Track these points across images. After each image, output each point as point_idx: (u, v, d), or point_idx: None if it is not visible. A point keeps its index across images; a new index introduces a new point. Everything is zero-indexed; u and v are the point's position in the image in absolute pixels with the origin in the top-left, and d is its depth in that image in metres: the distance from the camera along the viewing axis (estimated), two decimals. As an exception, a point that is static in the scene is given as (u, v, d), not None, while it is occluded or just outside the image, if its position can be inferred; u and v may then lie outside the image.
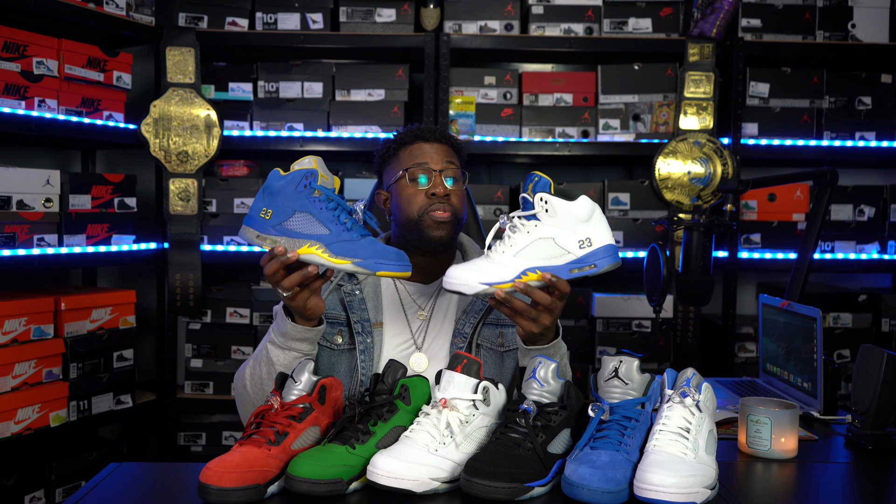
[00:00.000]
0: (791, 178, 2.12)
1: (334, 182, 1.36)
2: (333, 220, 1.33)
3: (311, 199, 1.32)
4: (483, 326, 1.65)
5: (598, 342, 2.97)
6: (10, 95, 2.45)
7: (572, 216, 1.38)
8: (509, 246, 1.38)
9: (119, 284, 3.28)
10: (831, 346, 2.98)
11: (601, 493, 1.14)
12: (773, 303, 2.02)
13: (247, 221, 1.36)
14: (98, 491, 1.22)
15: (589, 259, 1.39)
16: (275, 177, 1.33)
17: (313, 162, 1.34)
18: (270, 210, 1.32)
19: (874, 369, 1.53)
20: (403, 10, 2.97)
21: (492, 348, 1.65)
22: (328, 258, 1.31)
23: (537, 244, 1.37)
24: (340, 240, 1.32)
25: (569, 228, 1.38)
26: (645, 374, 1.31)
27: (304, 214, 1.32)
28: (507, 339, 1.67)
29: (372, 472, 1.19)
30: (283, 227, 1.32)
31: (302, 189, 1.32)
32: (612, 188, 2.99)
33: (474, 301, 1.66)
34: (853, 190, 3.02)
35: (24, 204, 2.46)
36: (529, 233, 1.37)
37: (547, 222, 1.38)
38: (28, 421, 2.44)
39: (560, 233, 1.38)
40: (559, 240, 1.38)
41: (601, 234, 1.40)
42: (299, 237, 1.32)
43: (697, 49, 2.89)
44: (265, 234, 1.33)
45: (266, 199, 1.33)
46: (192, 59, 2.85)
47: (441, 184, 1.63)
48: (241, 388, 1.57)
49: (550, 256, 1.38)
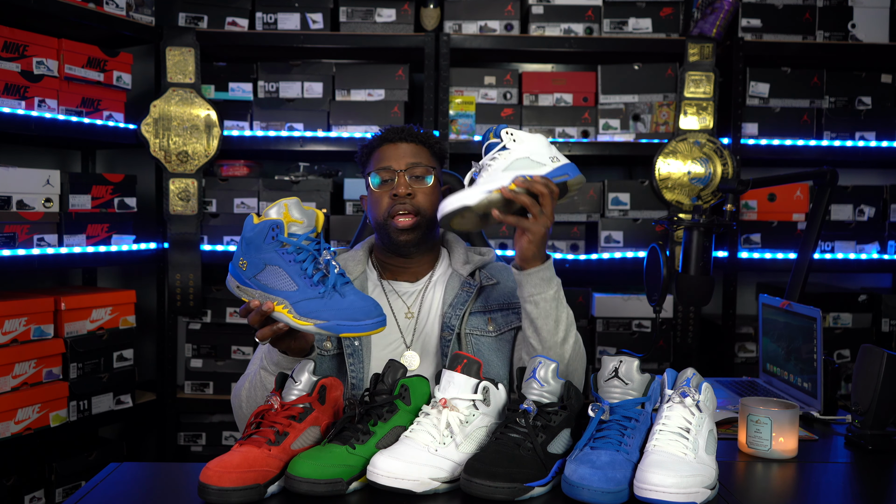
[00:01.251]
0: (791, 178, 2.12)
1: (315, 219, 1.33)
2: (300, 273, 1.29)
3: (280, 252, 1.29)
4: (470, 316, 1.65)
5: (598, 342, 2.97)
6: (10, 95, 2.45)
7: (536, 142, 1.52)
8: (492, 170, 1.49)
9: (119, 284, 3.28)
10: (831, 346, 2.98)
11: (601, 493, 1.14)
12: (773, 303, 2.02)
13: (231, 270, 1.35)
14: (98, 491, 1.22)
15: (562, 170, 1.51)
16: (248, 226, 1.31)
17: (283, 208, 1.30)
18: (246, 261, 1.31)
19: (874, 369, 1.53)
20: (403, 10, 2.97)
21: (481, 335, 1.65)
22: (293, 318, 1.29)
23: (517, 162, 1.50)
24: (306, 297, 1.28)
25: (538, 149, 1.52)
26: (645, 374, 1.31)
27: (273, 268, 1.29)
28: (497, 323, 1.67)
29: (372, 472, 1.19)
30: (257, 281, 1.31)
31: (270, 241, 1.29)
32: (612, 188, 2.99)
33: (459, 293, 1.66)
34: (853, 190, 3.02)
35: (24, 204, 2.46)
36: (506, 158, 1.50)
37: (518, 147, 1.51)
38: (28, 421, 2.44)
39: (532, 152, 1.51)
40: (533, 156, 1.50)
41: (560, 154, 1.54)
42: (270, 292, 1.30)
43: (697, 49, 2.89)
44: (243, 286, 1.32)
45: (243, 249, 1.32)
46: (192, 59, 2.85)
47: (403, 184, 1.64)
48: (238, 407, 1.57)
49: (530, 168, 1.49)
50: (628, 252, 2.96)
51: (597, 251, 2.98)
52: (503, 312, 1.68)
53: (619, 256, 2.96)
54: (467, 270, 1.72)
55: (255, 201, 2.97)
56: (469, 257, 1.76)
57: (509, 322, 1.68)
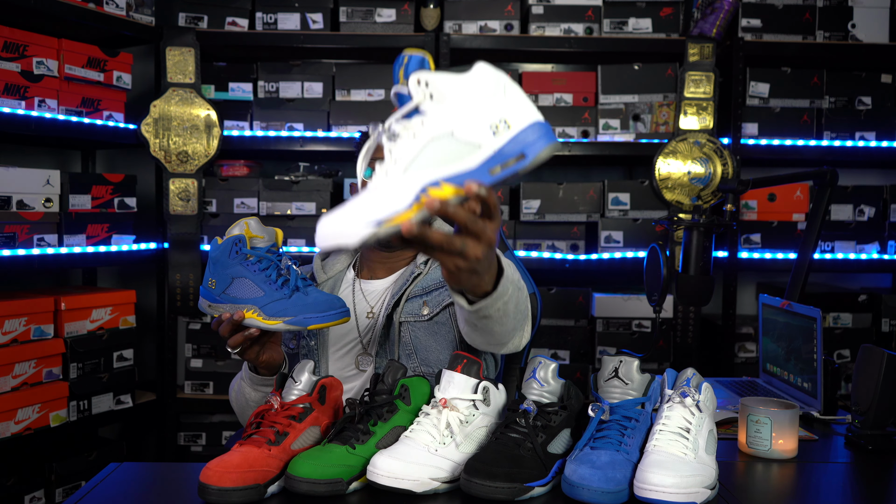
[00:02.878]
0: (791, 178, 2.12)
1: (275, 236, 1.42)
2: (265, 280, 1.38)
3: (245, 264, 1.39)
4: (406, 302, 1.58)
5: (598, 342, 2.97)
6: (10, 95, 2.45)
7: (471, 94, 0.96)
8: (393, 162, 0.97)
9: (119, 284, 3.28)
10: (831, 346, 2.97)
11: (601, 493, 1.14)
12: (773, 303, 2.02)
13: (202, 293, 1.43)
14: (98, 491, 1.22)
15: (512, 148, 0.95)
16: (213, 247, 1.41)
17: (245, 224, 1.40)
18: (214, 280, 1.41)
19: (874, 369, 1.53)
20: (403, 10, 2.97)
21: (416, 322, 1.58)
22: (262, 320, 1.37)
23: (431, 147, 0.96)
24: (273, 300, 1.36)
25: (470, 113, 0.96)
26: (645, 374, 1.31)
27: (240, 280, 1.39)
28: (431, 304, 1.58)
29: (372, 472, 1.19)
30: (226, 295, 1.39)
31: (234, 255, 1.39)
32: (612, 188, 2.99)
33: (398, 280, 1.63)
34: (853, 190, 3.02)
35: (24, 204, 2.46)
36: (416, 135, 0.97)
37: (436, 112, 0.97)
38: (28, 421, 2.44)
39: (459, 122, 0.96)
40: (460, 132, 0.96)
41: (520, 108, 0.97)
42: (239, 302, 1.38)
43: (697, 49, 2.89)
44: (214, 304, 1.41)
45: (210, 269, 1.41)
46: (192, 59, 2.85)
47: None
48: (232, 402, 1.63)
49: (455, 158, 0.96)
50: (628, 252, 2.96)
51: (597, 251, 2.98)
52: (437, 291, 1.60)
53: (619, 256, 2.96)
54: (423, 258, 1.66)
55: (255, 201, 2.97)
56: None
57: (442, 300, 1.59)
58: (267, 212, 2.96)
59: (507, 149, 0.95)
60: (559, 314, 2.98)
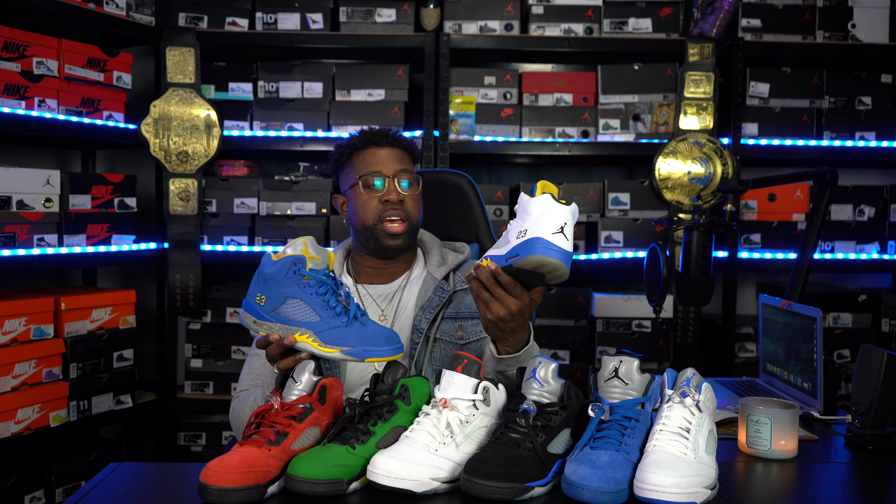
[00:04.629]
0: (791, 178, 2.12)
1: (328, 259, 1.39)
2: (323, 305, 1.35)
3: (301, 286, 1.35)
4: (442, 321, 1.66)
5: (598, 342, 2.97)
6: (10, 95, 2.45)
7: (526, 210, 1.34)
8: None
9: (119, 284, 3.28)
10: (831, 346, 2.97)
11: (601, 493, 1.14)
12: (773, 303, 2.02)
13: (245, 306, 1.39)
14: (98, 491, 1.22)
15: (517, 250, 1.32)
16: (267, 263, 1.36)
17: (303, 245, 1.36)
18: (264, 297, 1.36)
19: (874, 369, 1.53)
20: (403, 10, 2.97)
21: (451, 341, 1.66)
22: (318, 347, 1.34)
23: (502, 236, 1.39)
24: (330, 326, 1.34)
25: (518, 221, 1.35)
26: (645, 374, 1.31)
27: (295, 301, 1.35)
28: (467, 331, 1.67)
29: (372, 472, 1.19)
30: (277, 315, 1.35)
31: (291, 276, 1.35)
32: (612, 188, 2.99)
33: (431, 297, 1.68)
34: (853, 190, 3.02)
35: (24, 204, 2.46)
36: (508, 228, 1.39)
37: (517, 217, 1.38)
38: (28, 421, 2.44)
39: (513, 226, 1.36)
40: (509, 232, 1.36)
41: (541, 227, 1.30)
42: (292, 324, 1.35)
43: (697, 49, 2.89)
44: (261, 321, 1.37)
45: (260, 285, 1.37)
46: (192, 59, 2.85)
47: (395, 190, 1.66)
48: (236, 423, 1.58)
49: (500, 246, 1.37)
50: (628, 252, 2.96)
51: (597, 251, 2.98)
52: (473, 321, 1.69)
53: (619, 256, 2.96)
54: (441, 273, 1.73)
55: (255, 201, 2.97)
56: (444, 257, 1.76)
57: (478, 332, 1.69)
58: (267, 212, 2.96)
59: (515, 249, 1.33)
60: (559, 314, 2.99)
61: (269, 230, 2.97)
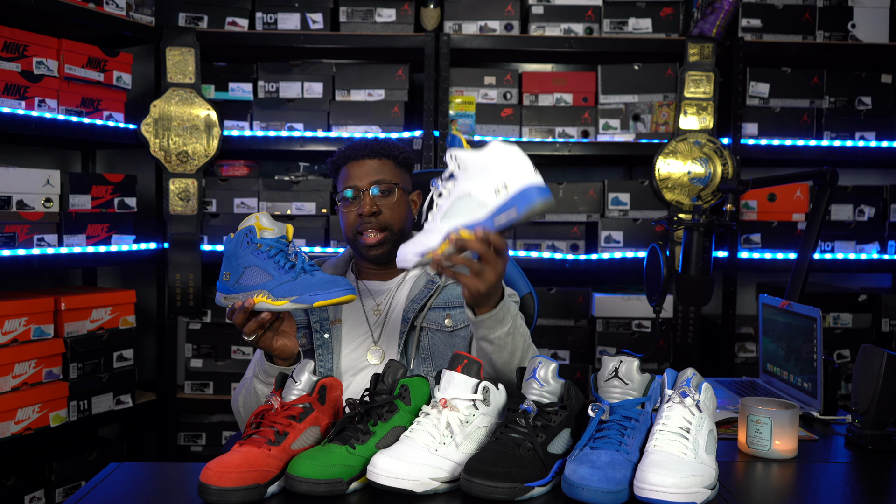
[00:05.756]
0: (791, 178, 2.12)
1: (285, 230, 1.47)
2: (274, 266, 1.43)
3: (256, 253, 1.44)
4: (429, 310, 1.69)
5: (598, 342, 2.97)
6: (10, 95, 2.45)
7: (481, 166, 1.29)
8: (436, 212, 1.35)
9: (119, 284, 3.28)
10: (831, 346, 2.98)
11: (601, 493, 1.14)
12: (773, 303, 2.02)
13: (218, 287, 1.49)
14: (98, 491, 1.22)
15: (508, 205, 1.27)
16: (226, 241, 1.48)
17: (255, 218, 1.46)
18: (228, 272, 1.46)
19: (874, 369, 1.53)
20: (403, 10, 2.97)
21: (438, 329, 1.69)
22: (271, 302, 1.42)
23: (458, 203, 1.32)
24: (281, 283, 1.41)
25: (482, 179, 1.29)
26: (645, 374, 1.31)
27: (251, 268, 1.44)
28: (455, 319, 1.70)
29: (372, 472, 1.19)
30: (239, 285, 1.44)
31: (245, 246, 1.45)
32: (612, 188, 2.99)
33: (421, 290, 1.72)
34: (853, 190, 3.02)
35: (24, 204, 2.46)
36: (449, 194, 1.33)
37: (461, 178, 1.32)
38: (28, 421, 2.44)
39: (475, 185, 1.30)
40: (475, 193, 1.30)
41: (517, 174, 1.26)
42: (251, 289, 1.43)
43: (697, 49, 2.89)
44: (229, 295, 1.46)
45: (225, 264, 1.48)
46: (192, 59, 2.85)
47: (368, 202, 1.69)
48: (237, 412, 1.64)
49: (472, 212, 1.30)
50: (628, 252, 2.96)
51: (597, 251, 2.98)
52: (461, 309, 1.71)
53: (619, 256, 2.96)
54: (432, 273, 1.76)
55: (255, 201, 2.97)
56: None
57: (465, 320, 1.70)
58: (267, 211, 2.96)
59: (504, 206, 1.28)
60: (559, 314, 2.99)
61: (269, 230, 2.97)
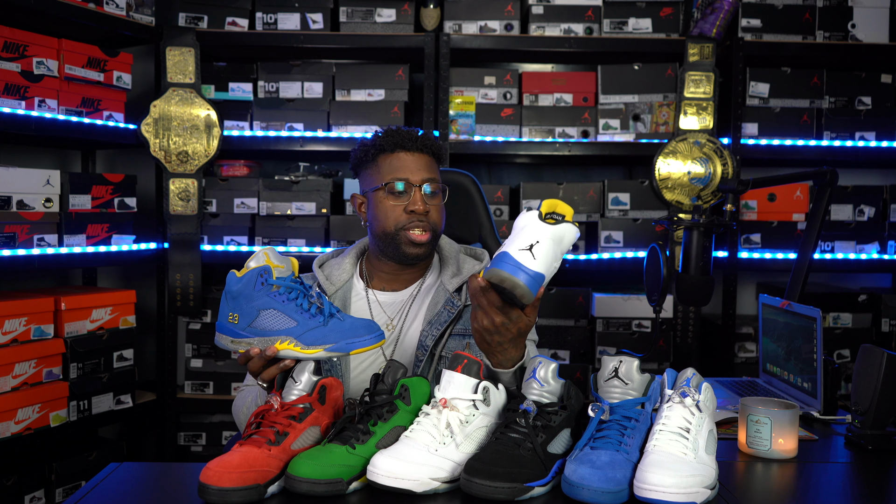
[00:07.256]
0: (791, 178, 2.12)
1: (291, 265, 1.39)
2: (297, 309, 1.34)
3: (272, 295, 1.34)
4: (449, 338, 1.62)
5: (598, 342, 2.97)
6: (10, 95, 2.45)
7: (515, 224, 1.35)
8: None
9: (119, 284, 3.28)
10: (831, 346, 2.97)
11: (601, 493, 1.14)
12: (773, 303, 2.02)
13: (219, 328, 1.38)
14: (98, 491, 1.22)
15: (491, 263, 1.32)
16: (232, 280, 1.35)
17: (265, 255, 1.36)
18: (237, 314, 1.35)
19: (874, 369, 1.53)
20: (403, 10, 2.97)
21: None
22: (301, 350, 1.34)
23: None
24: (308, 328, 1.34)
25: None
26: (645, 374, 1.31)
27: (268, 311, 1.34)
28: (475, 349, 1.58)
29: (372, 472, 1.19)
30: (253, 329, 1.34)
31: (260, 287, 1.34)
32: (612, 188, 2.99)
33: (440, 311, 1.64)
34: (853, 190, 3.02)
35: (24, 204, 2.46)
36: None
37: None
38: (28, 421, 2.44)
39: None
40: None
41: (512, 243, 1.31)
42: (270, 334, 1.34)
43: (697, 49, 2.89)
44: (239, 339, 1.35)
45: (230, 304, 1.36)
46: (192, 59, 2.85)
47: (420, 200, 1.59)
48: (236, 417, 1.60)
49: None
50: (628, 252, 2.96)
51: (597, 251, 2.98)
52: None
53: (619, 256, 2.96)
54: (454, 284, 1.67)
55: (255, 201, 2.97)
56: (460, 266, 1.70)
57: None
58: (267, 212, 2.96)
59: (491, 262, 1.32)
60: (559, 314, 2.99)
61: (269, 230, 2.97)
